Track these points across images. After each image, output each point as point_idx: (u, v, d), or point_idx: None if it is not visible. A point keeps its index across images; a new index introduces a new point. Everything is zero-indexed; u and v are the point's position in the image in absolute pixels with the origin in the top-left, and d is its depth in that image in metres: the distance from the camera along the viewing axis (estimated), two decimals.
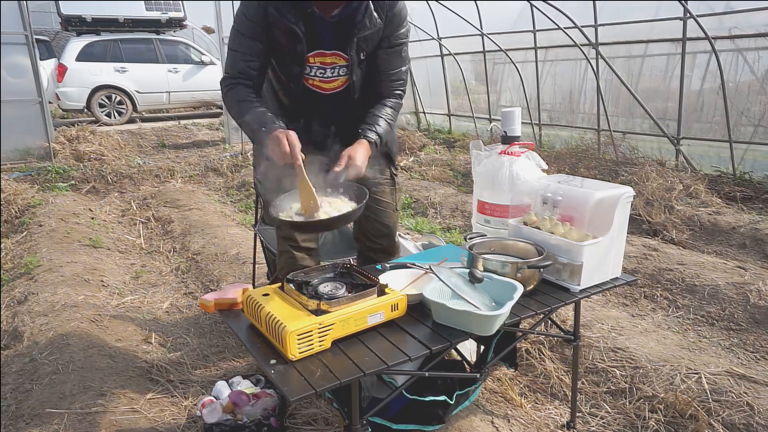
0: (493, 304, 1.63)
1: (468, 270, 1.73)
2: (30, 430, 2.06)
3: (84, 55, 9.77)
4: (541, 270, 1.78)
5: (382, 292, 1.63)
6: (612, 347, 2.67)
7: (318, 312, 1.49)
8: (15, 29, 6.52)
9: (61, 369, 2.43)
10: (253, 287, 1.91)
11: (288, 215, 1.74)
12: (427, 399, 1.90)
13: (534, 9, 6.84)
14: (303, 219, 1.72)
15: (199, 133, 9.57)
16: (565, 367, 2.61)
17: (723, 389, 2.31)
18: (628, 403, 2.36)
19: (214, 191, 6.53)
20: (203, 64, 10.72)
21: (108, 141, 7.72)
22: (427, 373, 1.62)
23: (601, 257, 1.88)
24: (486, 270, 1.76)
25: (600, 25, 6.30)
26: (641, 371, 2.49)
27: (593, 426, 2.27)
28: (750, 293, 3.20)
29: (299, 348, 1.42)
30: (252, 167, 2.15)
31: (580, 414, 2.34)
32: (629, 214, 2.00)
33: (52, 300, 3.16)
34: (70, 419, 2.09)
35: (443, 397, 1.93)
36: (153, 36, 10.69)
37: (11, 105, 6.66)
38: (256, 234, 3.07)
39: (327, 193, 1.79)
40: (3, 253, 4.18)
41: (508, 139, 2.26)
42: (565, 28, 6.38)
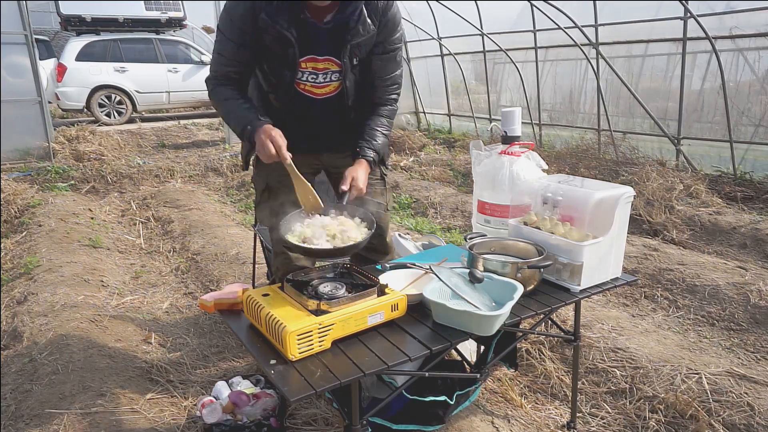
0: (493, 304, 1.63)
1: (468, 270, 1.72)
2: (30, 430, 2.05)
3: (84, 55, 9.75)
4: (542, 270, 1.77)
5: (382, 292, 1.63)
6: (612, 347, 2.67)
7: (318, 312, 1.49)
8: (15, 29, 6.52)
9: (61, 369, 2.42)
10: (253, 287, 1.91)
11: (299, 236, 1.69)
12: (427, 399, 1.90)
13: (534, 9, 6.83)
14: (309, 224, 1.70)
15: (199, 133, 9.56)
16: (566, 368, 2.60)
17: (723, 389, 2.31)
18: (628, 404, 2.36)
19: (213, 191, 6.52)
20: (203, 63, 10.70)
21: (108, 141, 7.72)
22: (427, 374, 1.62)
23: (602, 257, 1.88)
24: (486, 270, 1.76)
25: (600, 25, 6.30)
26: (641, 371, 2.48)
27: (593, 426, 2.27)
28: (750, 293, 3.20)
29: (299, 348, 1.42)
30: (252, 167, 2.14)
31: (580, 414, 2.33)
32: (629, 214, 2.00)
33: (51, 300, 3.15)
34: (69, 419, 2.09)
35: (443, 398, 1.93)
36: (153, 36, 10.67)
37: (11, 105, 6.66)
38: (255, 234, 3.07)
39: (332, 216, 1.77)
40: (3, 253, 4.18)
41: (508, 139, 2.26)
42: (566, 27, 6.37)
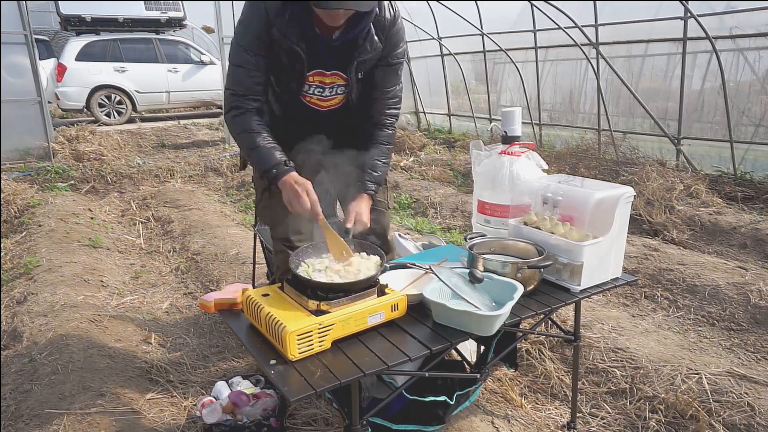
0: (493, 304, 1.63)
1: (468, 270, 1.72)
2: (30, 430, 2.05)
3: (83, 55, 9.75)
4: (542, 270, 1.77)
5: (382, 292, 1.63)
6: (612, 347, 2.67)
7: (318, 312, 1.49)
8: (14, 29, 6.52)
9: (61, 369, 2.42)
10: (253, 287, 1.90)
11: (315, 268, 1.71)
12: (427, 399, 1.90)
13: (534, 8, 6.83)
14: (339, 269, 1.71)
15: (199, 133, 9.56)
16: (566, 368, 2.60)
17: (724, 389, 2.30)
18: (628, 404, 2.36)
19: (213, 191, 6.52)
20: (203, 63, 10.70)
21: (107, 141, 7.71)
22: (427, 374, 1.62)
23: (602, 257, 1.87)
24: (486, 270, 1.76)
25: (600, 25, 6.30)
26: (642, 371, 2.48)
27: (594, 426, 2.27)
28: (751, 293, 3.20)
29: (299, 348, 1.42)
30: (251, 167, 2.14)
31: (580, 414, 2.33)
32: (630, 214, 2.00)
33: (51, 300, 3.15)
34: (69, 419, 2.08)
35: (443, 398, 1.92)
36: (153, 36, 10.67)
37: (11, 105, 6.66)
38: (255, 234, 3.07)
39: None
40: (3, 253, 4.18)
41: (508, 139, 2.26)
42: (566, 27, 6.37)
